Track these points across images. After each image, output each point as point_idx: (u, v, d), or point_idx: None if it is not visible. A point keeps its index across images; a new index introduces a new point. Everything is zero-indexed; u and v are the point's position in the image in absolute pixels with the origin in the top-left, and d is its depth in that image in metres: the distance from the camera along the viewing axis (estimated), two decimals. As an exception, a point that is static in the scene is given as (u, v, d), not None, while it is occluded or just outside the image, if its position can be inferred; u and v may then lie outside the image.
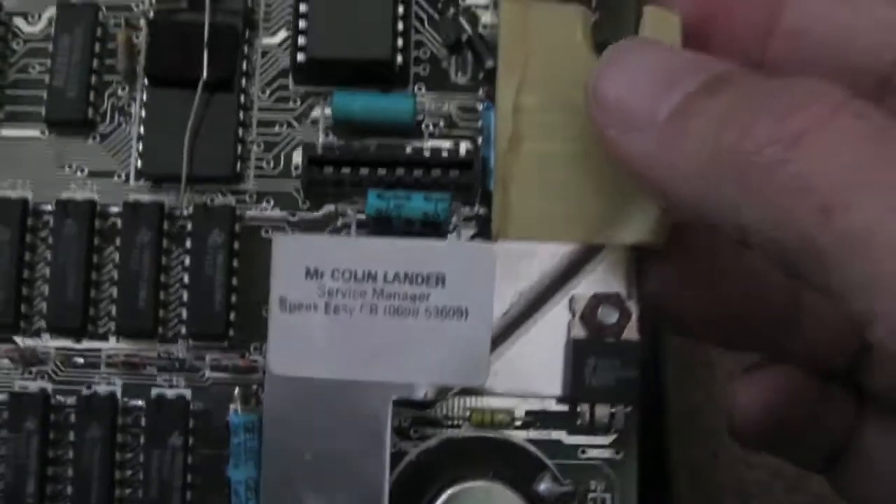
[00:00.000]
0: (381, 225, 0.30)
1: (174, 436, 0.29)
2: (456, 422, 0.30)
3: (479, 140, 0.31)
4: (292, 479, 0.28)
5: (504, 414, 0.30)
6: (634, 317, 0.29)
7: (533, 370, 0.30)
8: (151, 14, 0.30)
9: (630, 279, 0.30)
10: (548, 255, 0.29)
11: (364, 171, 0.30)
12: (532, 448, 0.30)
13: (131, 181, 0.31)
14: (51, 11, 0.31)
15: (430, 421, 0.30)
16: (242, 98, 0.30)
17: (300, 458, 0.28)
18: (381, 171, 0.30)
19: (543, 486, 0.29)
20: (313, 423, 0.28)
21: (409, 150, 0.30)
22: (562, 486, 0.29)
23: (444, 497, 0.29)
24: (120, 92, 0.31)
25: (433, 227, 0.30)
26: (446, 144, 0.31)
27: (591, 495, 0.30)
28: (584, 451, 0.30)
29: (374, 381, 0.29)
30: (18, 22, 0.31)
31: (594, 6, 0.31)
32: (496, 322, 0.29)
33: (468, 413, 0.30)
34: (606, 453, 0.30)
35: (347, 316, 0.29)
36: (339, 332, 0.29)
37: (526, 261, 0.29)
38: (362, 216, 0.30)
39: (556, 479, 0.29)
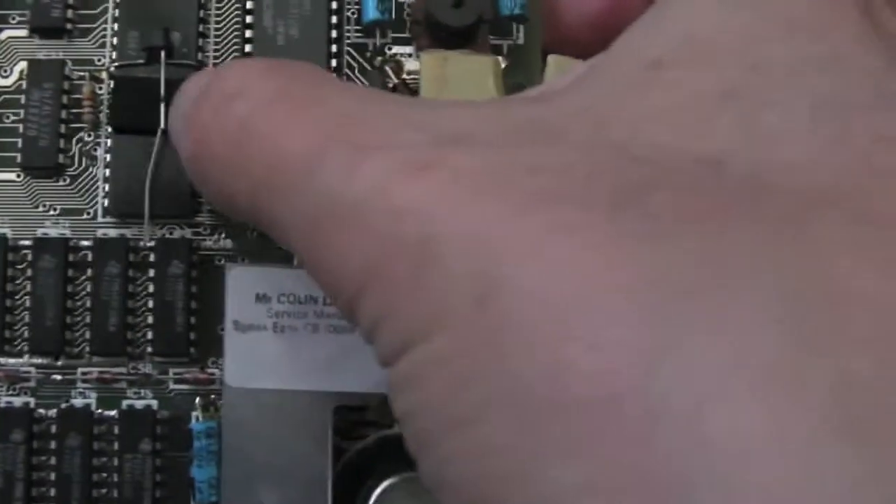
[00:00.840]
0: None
1: (144, 441, 0.33)
2: (389, 422, 0.35)
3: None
4: (249, 478, 0.33)
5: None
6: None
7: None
8: (113, 68, 0.34)
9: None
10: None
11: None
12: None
13: (99, 218, 0.34)
14: (21, 65, 0.34)
15: (368, 423, 0.35)
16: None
17: (255, 459, 0.33)
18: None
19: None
20: (266, 428, 0.33)
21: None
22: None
23: (379, 489, 0.33)
24: (87, 138, 0.35)
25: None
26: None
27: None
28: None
29: (317, 391, 0.33)
30: (-8, 76, 0.34)
31: (505, 54, 0.35)
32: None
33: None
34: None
35: (293, 334, 0.33)
36: (287, 348, 0.33)
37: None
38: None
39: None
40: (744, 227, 0.16)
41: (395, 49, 0.35)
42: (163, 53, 0.34)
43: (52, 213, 0.34)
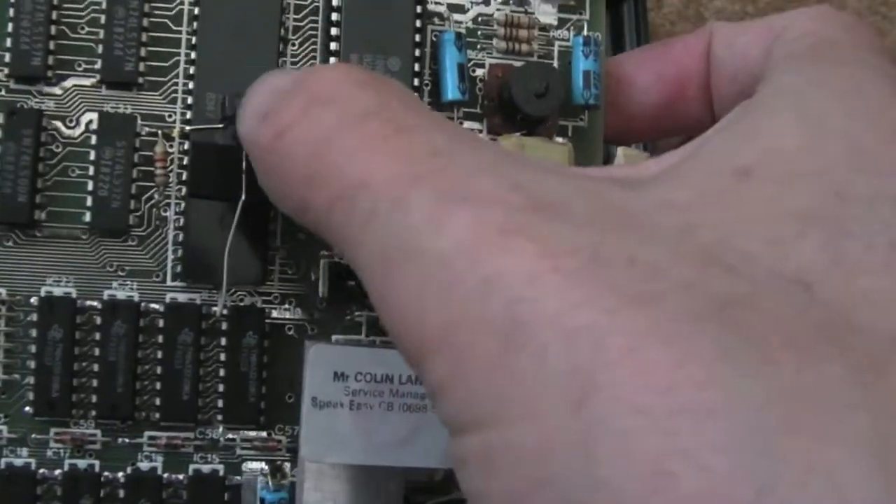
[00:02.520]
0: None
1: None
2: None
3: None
4: (320, 548, 0.34)
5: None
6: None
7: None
8: (188, 129, 0.33)
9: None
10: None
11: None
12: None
13: (168, 281, 0.34)
14: (89, 116, 0.33)
15: (430, 489, 0.36)
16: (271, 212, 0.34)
17: (327, 532, 0.34)
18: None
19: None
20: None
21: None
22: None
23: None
24: (156, 196, 0.34)
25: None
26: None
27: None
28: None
29: (390, 466, 0.34)
30: (57, 124, 0.33)
31: (569, 135, 0.36)
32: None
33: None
34: None
35: (369, 411, 0.34)
36: (362, 425, 0.34)
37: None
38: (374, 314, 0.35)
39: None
40: (834, 361, 0.17)
41: (466, 124, 0.35)
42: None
43: (119, 273, 0.34)
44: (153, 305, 0.34)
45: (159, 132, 0.34)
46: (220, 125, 0.33)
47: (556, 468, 0.17)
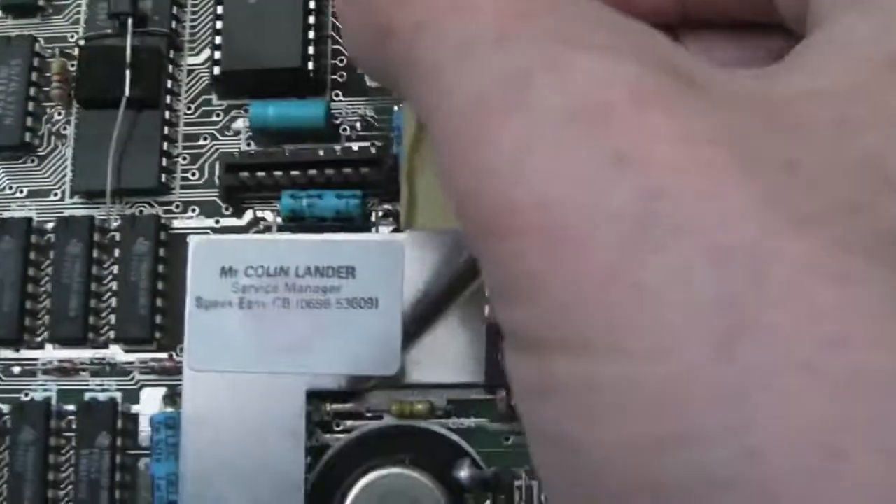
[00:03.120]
0: (298, 225, 0.31)
1: (101, 436, 0.30)
2: (378, 414, 0.31)
3: (396, 141, 0.32)
4: (211, 474, 0.29)
5: (424, 404, 0.30)
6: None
7: (452, 359, 0.30)
8: (82, 42, 0.32)
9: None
10: (459, 241, 0.30)
11: (279, 174, 0.31)
12: (451, 435, 0.30)
13: (66, 199, 0.32)
14: (-12, 43, 0.33)
15: (353, 414, 0.31)
16: (168, 115, 0.32)
17: (218, 453, 0.29)
18: (295, 174, 0.31)
19: (463, 473, 0.29)
20: (230, 419, 0.29)
21: (321, 152, 0.31)
22: (482, 471, 0.29)
23: (357, 487, 0.29)
24: (57, 116, 0.32)
25: (348, 224, 0.31)
26: (360, 145, 0.31)
27: (517, 482, 0.30)
28: (507, 438, 0.30)
29: (288, 374, 0.29)
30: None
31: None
32: (409, 311, 0.29)
33: (391, 405, 0.30)
34: (531, 440, 0.30)
35: (261, 310, 0.29)
36: (253, 326, 0.29)
37: (436, 248, 0.30)
38: (281, 220, 0.31)
39: (475, 465, 0.29)
40: None
41: None
42: (130, 20, 0.31)
43: (18, 195, 0.32)
44: (49, 224, 0.31)
45: (57, 50, 0.33)
46: (110, 32, 0.32)
47: (689, 423, 0.14)
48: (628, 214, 0.14)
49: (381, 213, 0.31)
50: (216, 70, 0.32)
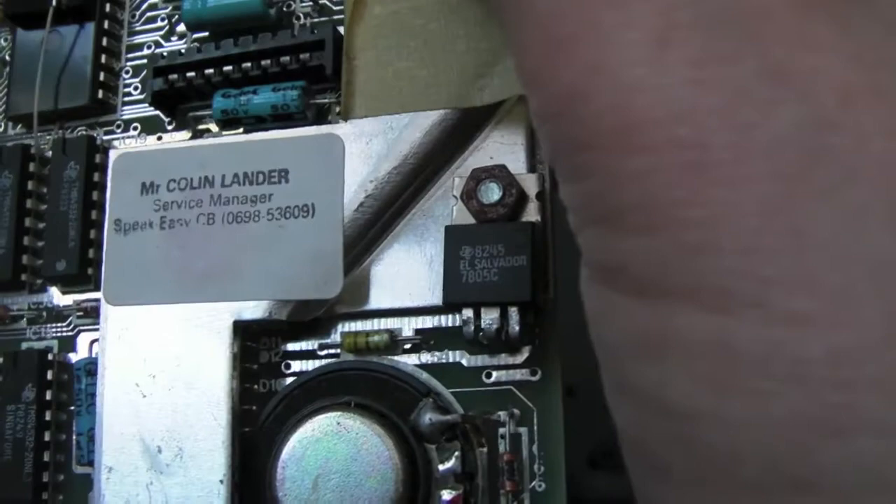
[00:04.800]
0: (232, 128, 0.26)
1: (27, 389, 0.26)
2: (334, 350, 0.25)
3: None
4: (130, 425, 0.24)
5: (381, 336, 0.24)
6: (533, 191, 0.23)
7: (407, 276, 0.24)
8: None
9: (528, 147, 0.24)
10: (414, 129, 0.24)
11: (210, 72, 0.26)
12: (418, 373, 0.24)
13: (9, 131, 0.28)
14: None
15: (305, 353, 0.25)
16: (107, 25, 0.28)
17: (139, 400, 0.24)
18: (228, 69, 0.26)
19: (424, 418, 0.23)
20: (150, 357, 0.24)
21: (257, 43, 0.26)
22: (445, 416, 0.23)
23: (292, 440, 0.23)
24: (2, 42, 0.29)
25: (286, 121, 0.25)
26: (301, 31, 0.26)
27: (501, 430, 0.23)
28: (489, 375, 0.24)
29: (213, 303, 0.24)
30: None
31: None
32: (352, 219, 0.24)
33: (343, 339, 0.25)
34: (518, 375, 0.23)
35: (184, 229, 0.25)
36: (176, 249, 0.25)
37: (384, 140, 0.24)
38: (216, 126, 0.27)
39: (438, 409, 0.23)
40: None
41: None
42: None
43: (-41, 124, 0.29)
44: (-18, 158, 0.28)
45: (-2, -30, 0.29)
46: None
47: (860, 412, 0.12)
48: (790, 144, 0.12)
49: (325, 107, 0.26)
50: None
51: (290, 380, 0.25)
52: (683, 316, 0.13)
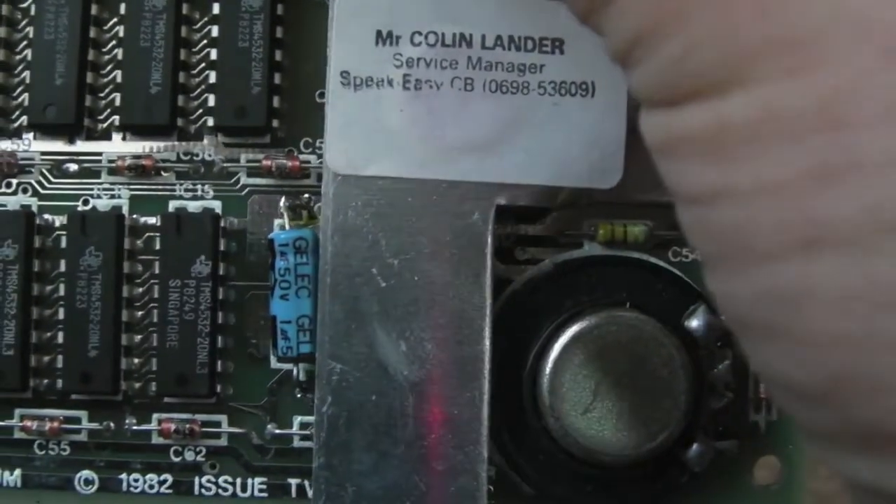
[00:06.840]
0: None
1: (199, 262, 0.22)
2: (577, 240, 0.23)
3: None
4: (362, 314, 0.21)
5: (640, 228, 0.22)
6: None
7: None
8: None
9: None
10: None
11: None
12: (676, 271, 0.22)
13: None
14: None
15: (542, 239, 0.23)
16: None
17: (371, 286, 0.21)
18: None
19: (695, 322, 0.22)
20: (389, 239, 0.21)
21: None
22: (720, 319, 0.22)
23: (565, 336, 0.21)
24: None
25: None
26: None
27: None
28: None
29: (468, 182, 0.21)
30: None
31: None
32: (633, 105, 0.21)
33: (592, 228, 0.22)
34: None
35: (434, 93, 0.21)
36: (423, 115, 0.21)
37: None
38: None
39: (713, 312, 0.22)
40: None
41: None
42: None
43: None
44: None
45: None
46: None
47: (854, 150, 0.12)
48: None
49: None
50: None
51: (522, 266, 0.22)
52: (686, 113, 0.14)
